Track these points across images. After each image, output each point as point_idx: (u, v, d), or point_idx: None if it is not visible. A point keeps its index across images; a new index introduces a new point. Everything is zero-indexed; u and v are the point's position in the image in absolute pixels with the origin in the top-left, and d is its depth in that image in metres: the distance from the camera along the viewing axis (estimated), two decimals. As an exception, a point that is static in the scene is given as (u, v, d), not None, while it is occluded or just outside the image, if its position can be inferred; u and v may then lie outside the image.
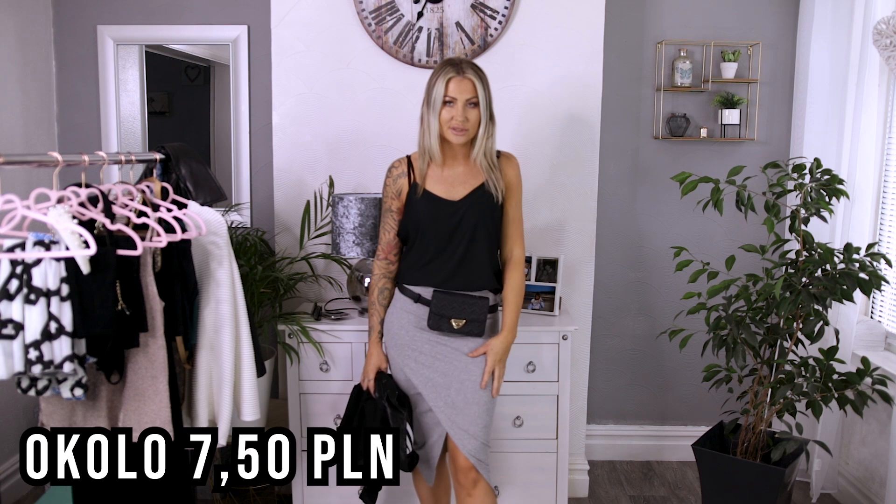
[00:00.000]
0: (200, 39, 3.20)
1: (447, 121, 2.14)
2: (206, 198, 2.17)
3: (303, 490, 2.78)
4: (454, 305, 2.19)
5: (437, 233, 2.21)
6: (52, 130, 3.22)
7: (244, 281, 2.56)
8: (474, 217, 2.20)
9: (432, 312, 2.20)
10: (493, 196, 2.21)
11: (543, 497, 2.79)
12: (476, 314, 2.20)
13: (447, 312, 2.19)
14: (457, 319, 2.19)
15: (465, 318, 2.19)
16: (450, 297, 2.19)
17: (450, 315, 2.19)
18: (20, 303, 1.62)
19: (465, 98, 2.12)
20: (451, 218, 2.20)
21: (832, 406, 2.64)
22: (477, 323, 2.20)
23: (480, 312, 2.20)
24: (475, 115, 2.14)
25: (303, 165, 3.05)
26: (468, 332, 2.20)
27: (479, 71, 2.16)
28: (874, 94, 2.79)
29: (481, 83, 2.14)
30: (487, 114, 2.17)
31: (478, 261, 2.23)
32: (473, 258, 2.22)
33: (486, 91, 2.16)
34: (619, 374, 3.45)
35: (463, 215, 2.20)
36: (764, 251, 2.57)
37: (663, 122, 3.27)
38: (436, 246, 2.22)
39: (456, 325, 2.19)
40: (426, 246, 2.23)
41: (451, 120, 2.13)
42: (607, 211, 3.32)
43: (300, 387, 2.73)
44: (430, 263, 2.23)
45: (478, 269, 2.23)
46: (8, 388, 2.89)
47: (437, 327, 2.20)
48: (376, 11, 2.94)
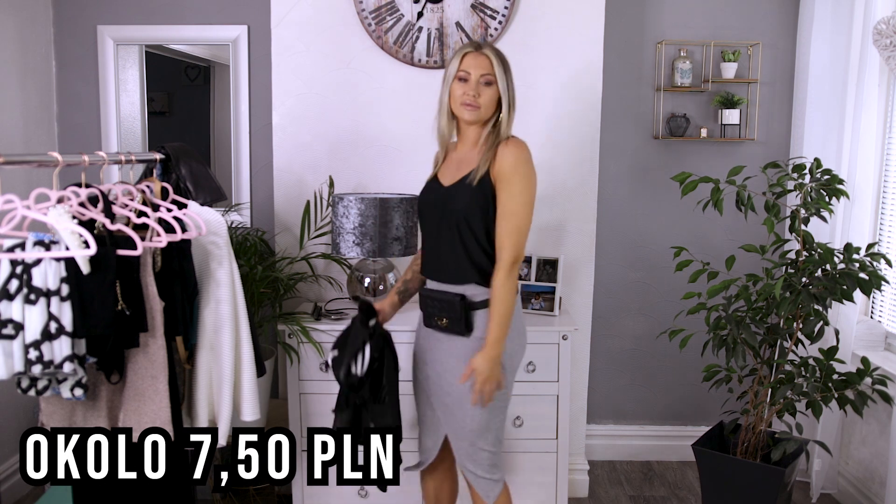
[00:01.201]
0: (200, 39, 3.20)
1: (459, 97, 2.06)
2: (206, 198, 2.17)
3: (303, 490, 2.78)
4: (434, 304, 2.13)
5: (428, 218, 2.16)
6: (52, 130, 3.22)
7: (244, 281, 2.56)
8: (457, 203, 2.08)
9: (424, 313, 2.19)
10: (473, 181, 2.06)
11: (543, 497, 2.79)
12: (451, 312, 2.09)
13: (431, 311, 2.14)
14: (439, 318, 2.13)
15: (444, 317, 2.12)
16: (429, 297, 2.14)
17: (434, 314, 2.14)
18: (20, 303, 1.62)
19: (480, 73, 2.04)
20: (438, 203, 2.13)
21: (832, 406, 2.64)
22: (454, 321, 2.09)
23: (454, 310, 2.08)
24: (489, 94, 2.05)
25: (303, 165, 3.05)
26: (451, 330, 2.12)
27: (500, 53, 2.09)
28: (874, 94, 2.79)
29: (500, 63, 2.07)
30: (508, 97, 2.07)
31: (455, 251, 2.10)
32: (452, 248, 2.10)
33: (506, 74, 2.07)
34: (619, 374, 3.45)
35: (446, 201, 2.10)
36: (764, 251, 2.57)
37: (663, 122, 3.27)
38: (426, 232, 2.19)
39: (440, 324, 2.13)
40: (423, 233, 2.22)
41: (462, 95, 2.05)
42: (607, 211, 3.32)
43: (300, 387, 2.73)
44: (426, 252, 2.20)
45: (454, 260, 2.10)
46: (8, 388, 2.88)
47: (431, 325, 2.17)
48: (376, 11, 2.94)
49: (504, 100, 2.08)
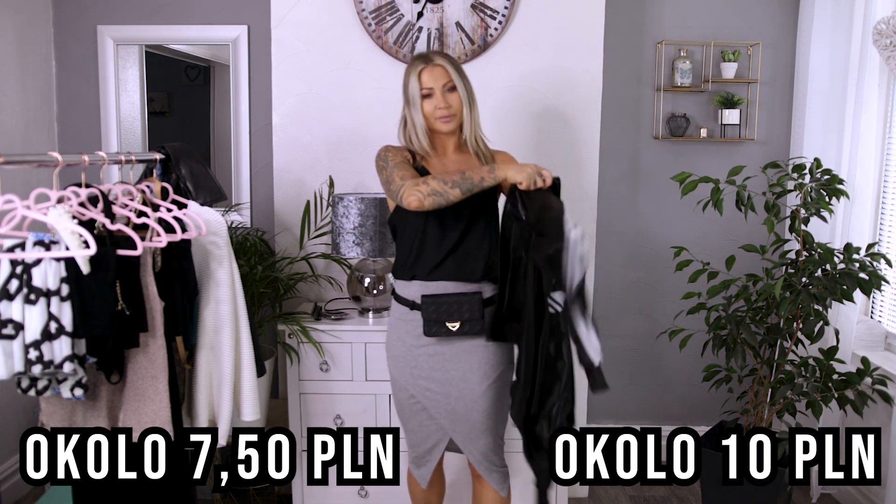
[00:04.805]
0: (200, 39, 3.20)
1: (432, 112, 2.12)
2: (206, 198, 2.17)
3: (303, 490, 2.78)
4: (445, 307, 2.09)
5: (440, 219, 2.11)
6: (52, 130, 3.22)
7: (244, 281, 2.56)
8: (481, 203, 2.12)
9: (425, 319, 2.11)
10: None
11: (543, 497, 2.79)
12: (471, 312, 2.09)
13: (440, 316, 2.10)
14: (451, 322, 2.10)
15: (459, 319, 2.10)
16: (440, 300, 2.10)
17: (444, 319, 2.10)
18: (20, 303, 1.62)
19: (441, 84, 2.10)
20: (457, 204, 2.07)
21: (832, 406, 2.64)
22: (473, 321, 2.10)
23: (475, 310, 2.09)
24: (456, 99, 2.12)
25: (303, 165, 3.06)
26: (467, 332, 2.10)
27: (448, 56, 2.15)
28: (874, 94, 2.79)
29: (453, 67, 2.12)
30: (467, 97, 2.14)
31: (473, 248, 2.12)
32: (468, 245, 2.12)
33: (461, 74, 2.13)
34: (619, 374, 3.44)
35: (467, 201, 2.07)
36: (764, 251, 2.57)
37: (663, 122, 3.27)
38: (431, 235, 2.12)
39: (452, 328, 2.10)
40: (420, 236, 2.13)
41: (435, 110, 2.11)
42: (607, 211, 3.32)
43: (300, 387, 2.73)
44: (423, 253, 2.14)
45: (472, 256, 2.12)
46: (8, 388, 2.89)
47: (435, 333, 2.11)
48: (376, 11, 2.94)
49: (465, 99, 2.13)
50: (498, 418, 2.19)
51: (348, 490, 2.77)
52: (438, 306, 2.10)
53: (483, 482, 2.23)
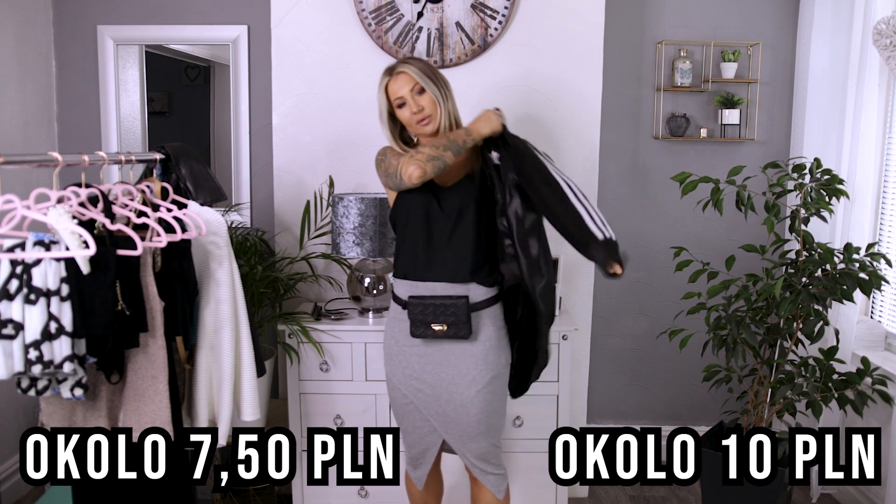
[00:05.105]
0: (200, 39, 3.20)
1: (410, 119, 2.11)
2: (206, 198, 2.17)
3: (303, 490, 2.78)
4: (431, 310, 2.07)
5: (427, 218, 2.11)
6: (52, 130, 3.22)
7: (244, 281, 2.56)
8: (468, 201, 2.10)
9: (411, 320, 2.09)
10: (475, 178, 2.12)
11: (543, 497, 2.79)
12: (456, 316, 2.06)
13: (426, 318, 2.08)
14: (437, 324, 2.08)
15: (445, 323, 2.07)
16: (425, 301, 2.08)
17: (429, 320, 2.08)
18: (20, 303, 1.62)
19: (408, 90, 2.09)
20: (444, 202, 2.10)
21: (832, 406, 2.64)
22: (459, 325, 2.07)
23: (461, 314, 2.06)
24: (427, 100, 2.09)
25: (303, 165, 3.06)
26: (453, 335, 2.08)
27: (413, 60, 2.13)
28: (874, 94, 2.79)
29: (416, 69, 2.09)
30: (440, 94, 2.10)
31: (461, 246, 2.09)
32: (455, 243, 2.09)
33: (427, 74, 2.10)
34: (619, 374, 3.45)
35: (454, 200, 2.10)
36: (764, 251, 2.57)
37: (663, 122, 3.27)
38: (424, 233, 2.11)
39: (438, 330, 2.08)
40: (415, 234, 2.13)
41: (411, 116, 2.10)
42: (607, 211, 3.32)
43: (300, 387, 2.73)
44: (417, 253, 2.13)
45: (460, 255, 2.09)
46: (8, 388, 2.89)
47: (422, 335, 2.10)
48: (376, 11, 2.94)
49: (437, 97, 2.11)
50: (491, 423, 2.15)
51: (348, 490, 2.77)
52: (424, 308, 2.08)
53: (479, 484, 2.22)
